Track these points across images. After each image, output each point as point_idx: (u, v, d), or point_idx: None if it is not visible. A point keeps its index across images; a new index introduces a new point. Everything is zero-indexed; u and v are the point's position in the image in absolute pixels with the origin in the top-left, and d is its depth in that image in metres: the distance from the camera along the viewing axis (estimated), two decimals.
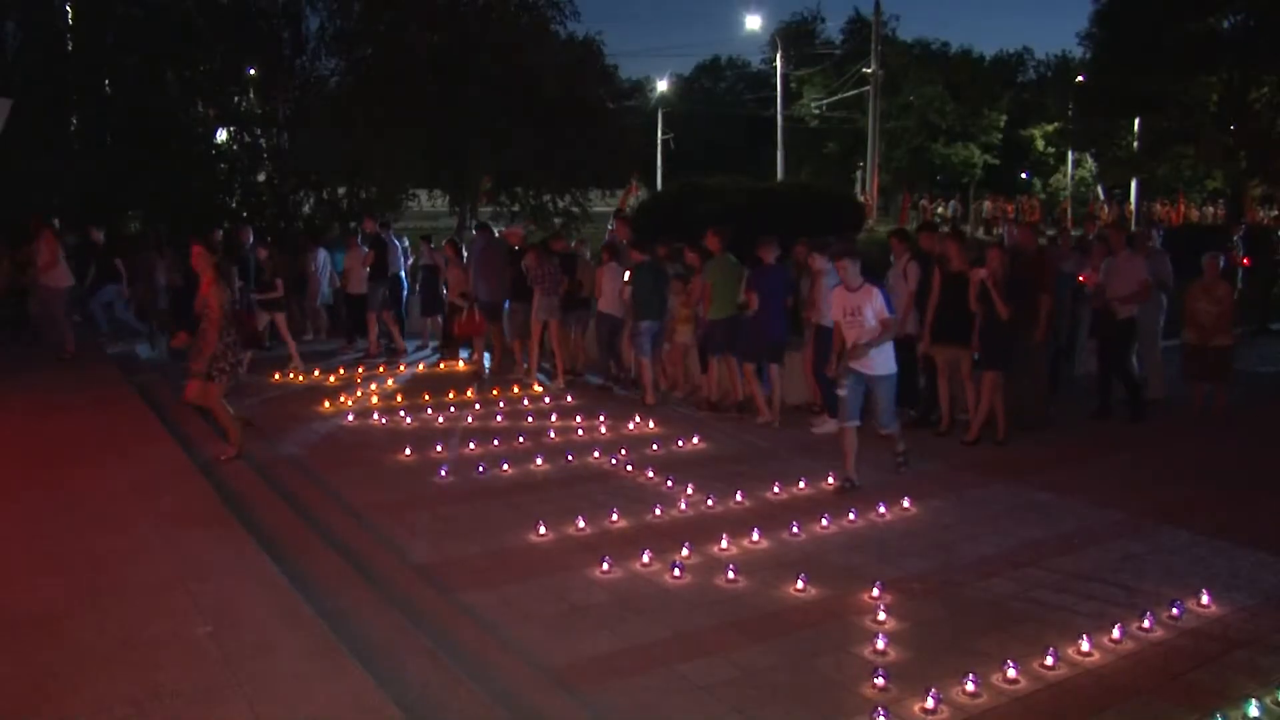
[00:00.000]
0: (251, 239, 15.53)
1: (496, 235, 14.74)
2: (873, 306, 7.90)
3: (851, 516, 7.28)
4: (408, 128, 21.37)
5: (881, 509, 7.42)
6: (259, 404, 11.34)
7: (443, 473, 8.46)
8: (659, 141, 53.26)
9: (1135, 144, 36.08)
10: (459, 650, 5.15)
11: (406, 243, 16.65)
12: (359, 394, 11.74)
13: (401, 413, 10.72)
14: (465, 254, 14.58)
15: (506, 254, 13.51)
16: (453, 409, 11.04)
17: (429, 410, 10.93)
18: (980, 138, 52.21)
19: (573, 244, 14.60)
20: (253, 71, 25.13)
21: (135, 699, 4.39)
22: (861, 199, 32.68)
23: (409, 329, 15.80)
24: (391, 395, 11.67)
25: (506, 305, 13.43)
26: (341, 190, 24.73)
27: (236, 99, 25.49)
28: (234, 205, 24.18)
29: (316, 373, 13.07)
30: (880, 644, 5.18)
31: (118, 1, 23.62)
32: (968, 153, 51.70)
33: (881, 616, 5.53)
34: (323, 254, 16.06)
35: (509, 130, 21.78)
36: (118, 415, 10.12)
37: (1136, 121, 34.69)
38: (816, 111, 50.28)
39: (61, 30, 24.33)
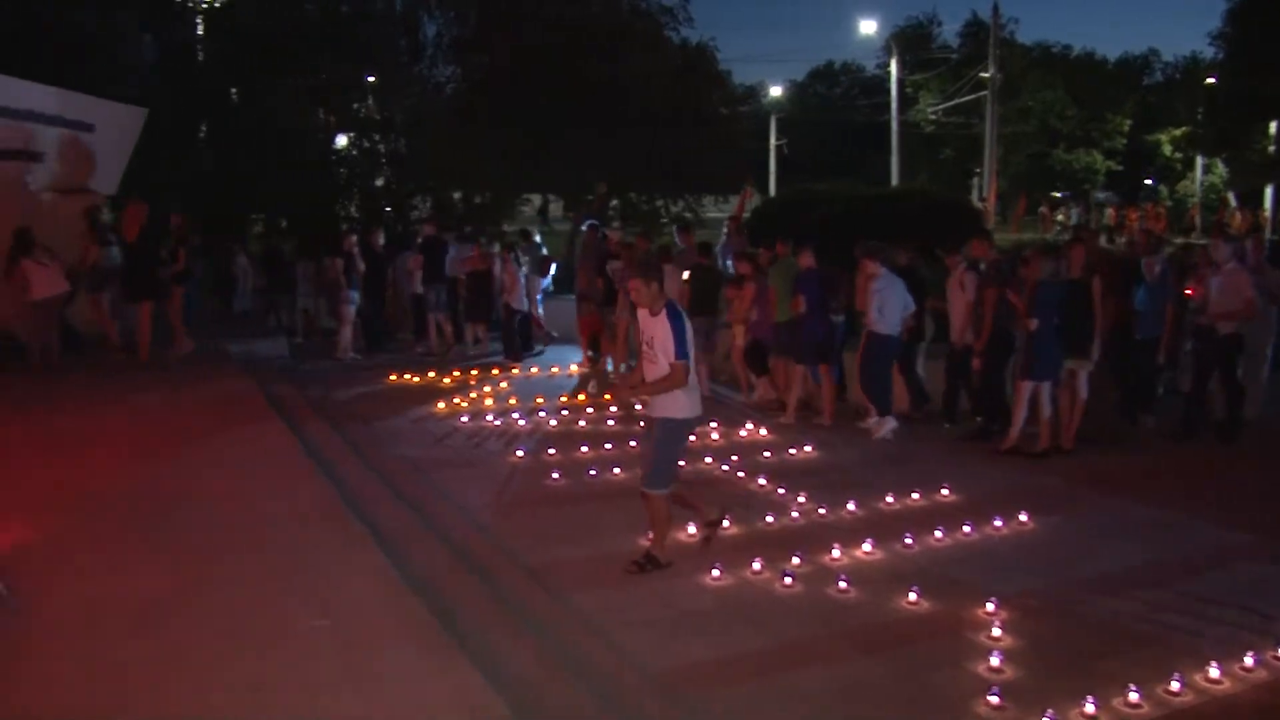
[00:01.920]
0: (383, 241, 15.97)
1: (602, 235, 14.93)
2: (661, 342, 6.37)
3: (966, 530, 7.15)
4: (522, 133, 21.64)
5: (998, 523, 7.27)
6: (375, 402, 11.65)
7: (555, 475, 8.56)
8: (772, 147, 53.01)
9: (1271, 148, 34.71)
10: (566, 651, 5.22)
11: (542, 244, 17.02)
12: (473, 395, 11.94)
13: (515, 414, 10.88)
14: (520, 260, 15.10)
15: (603, 255, 13.80)
16: (565, 412, 11.16)
17: (542, 412, 11.07)
18: (1103, 143, 50.79)
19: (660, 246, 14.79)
20: (371, 78, 25.78)
21: (255, 685, 4.55)
22: (978, 205, 32.04)
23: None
24: (505, 397, 11.85)
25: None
26: (457, 195, 25.19)
27: (356, 105, 26.18)
28: (353, 210, 24.80)
29: (431, 374, 13.35)
30: (995, 661, 5.08)
31: (245, 14, 24.44)
32: (1090, 158, 50.34)
33: (997, 633, 5.42)
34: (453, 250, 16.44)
35: (621, 136, 21.88)
36: (239, 411, 10.46)
37: (1273, 125, 33.36)
38: (932, 117, 49.51)
39: (193, 43, 25.29)
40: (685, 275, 12.57)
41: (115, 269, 13.57)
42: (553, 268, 17.05)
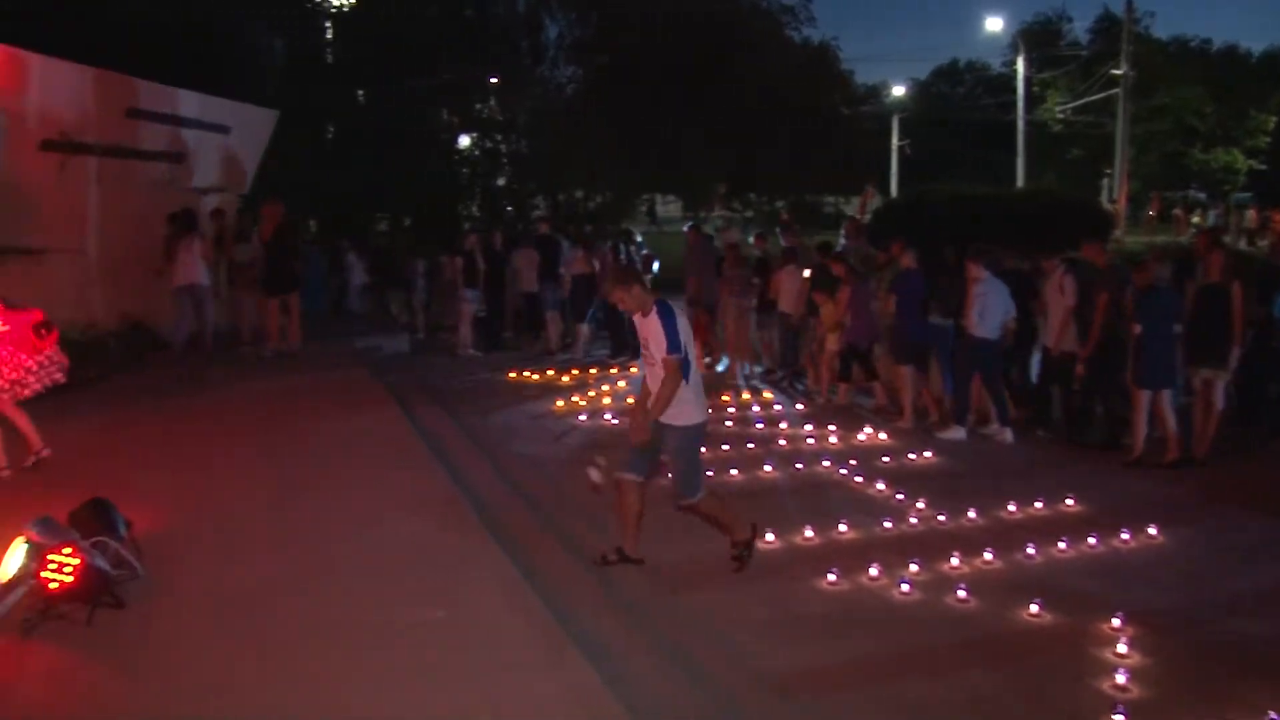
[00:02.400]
0: (501, 242, 16.29)
1: (707, 236, 15.13)
2: (656, 341, 6.23)
3: (1092, 541, 6.96)
4: (642, 134, 21.78)
5: (1125, 535, 7.06)
6: (493, 399, 11.87)
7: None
8: (894, 147, 52.22)
9: None
10: (680, 651, 5.25)
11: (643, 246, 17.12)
12: (591, 394, 12.07)
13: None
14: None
15: (713, 256, 14.05)
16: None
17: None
18: (1245, 141, 48.74)
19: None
20: (494, 80, 26.22)
21: (372, 674, 4.67)
22: (1108, 207, 31.09)
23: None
24: (624, 396, 11.95)
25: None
26: (577, 194, 25.47)
27: (478, 106, 26.65)
28: (474, 209, 25.26)
29: (550, 371, 13.53)
30: (1121, 679, 4.93)
31: (371, 18, 25.08)
32: (1229, 157, 48.34)
33: (1123, 649, 5.25)
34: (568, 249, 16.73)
35: (741, 136, 21.87)
36: (361, 405, 10.76)
37: None
38: (1060, 115, 48.14)
39: (321, 47, 26.06)
40: (806, 274, 12.56)
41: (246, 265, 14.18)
42: (655, 266, 17.18)
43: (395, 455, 8.74)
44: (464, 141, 27.19)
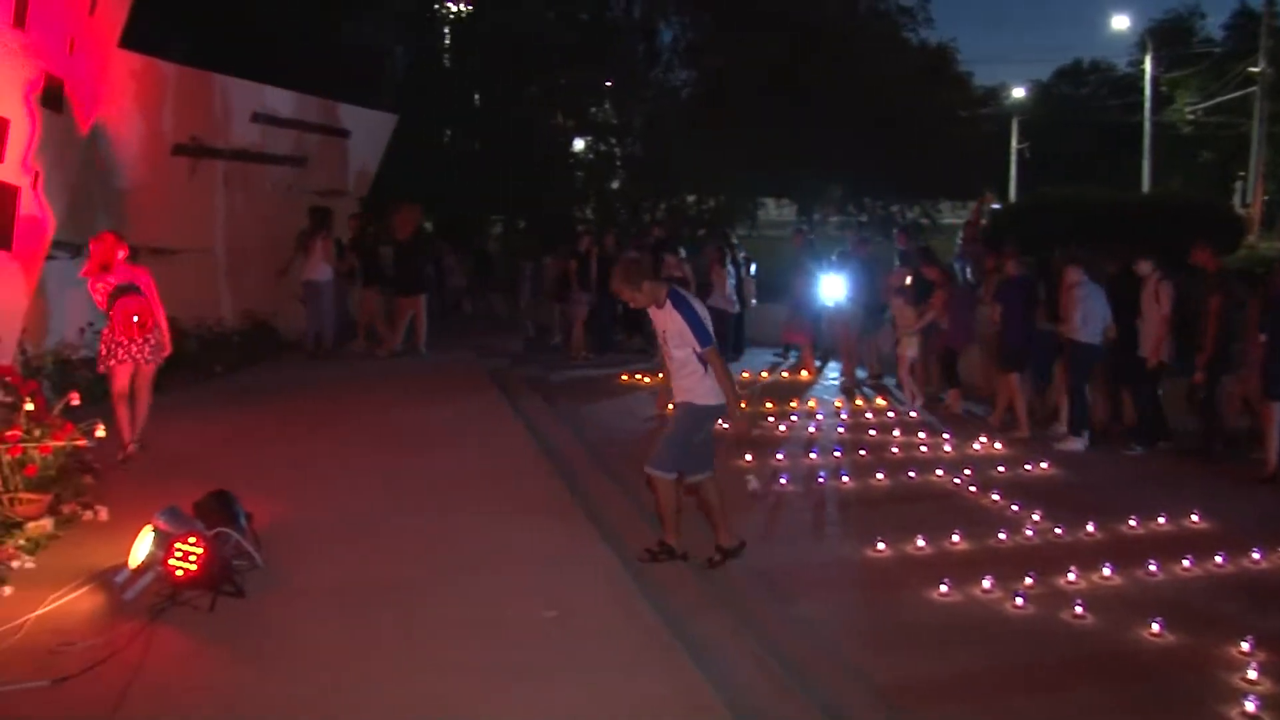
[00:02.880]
0: (614, 244, 16.40)
1: (813, 239, 15.26)
2: (677, 333, 6.24)
3: (1219, 560, 6.69)
4: (756, 137, 21.69)
5: (1255, 555, 6.77)
6: (605, 401, 11.94)
7: (783, 480, 8.56)
8: (1013, 151, 51.02)
9: None
10: (788, 657, 5.19)
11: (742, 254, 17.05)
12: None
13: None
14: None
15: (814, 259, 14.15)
16: (795, 417, 11.12)
17: (771, 417, 11.07)
18: None
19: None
20: (609, 83, 26.41)
21: (482, 670, 4.74)
22: (1240, 211, 29.90)
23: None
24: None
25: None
26: (691, 198, 25.48)
27: (593, 110, 26.86)
28: (589, 212, 25.46)
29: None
30: (1250, 706, 4.69)
31: (488, 23, 25.49)
32: None
33: (1253, 675, 5.00)
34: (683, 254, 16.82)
35: (857, 139, 21.64)
36: (474, 405, 10.94)
37: None
38: (1190, 116, 46.43)
39: (440, 52, 26.58)
40: (908, 280, 12.45)
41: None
42: (753, 268, 17.16)
43: (508, 457, 8.85)
44: (579, 145, 27.46)
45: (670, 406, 6.61)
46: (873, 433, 10.39)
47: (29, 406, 7.02)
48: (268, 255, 14.40)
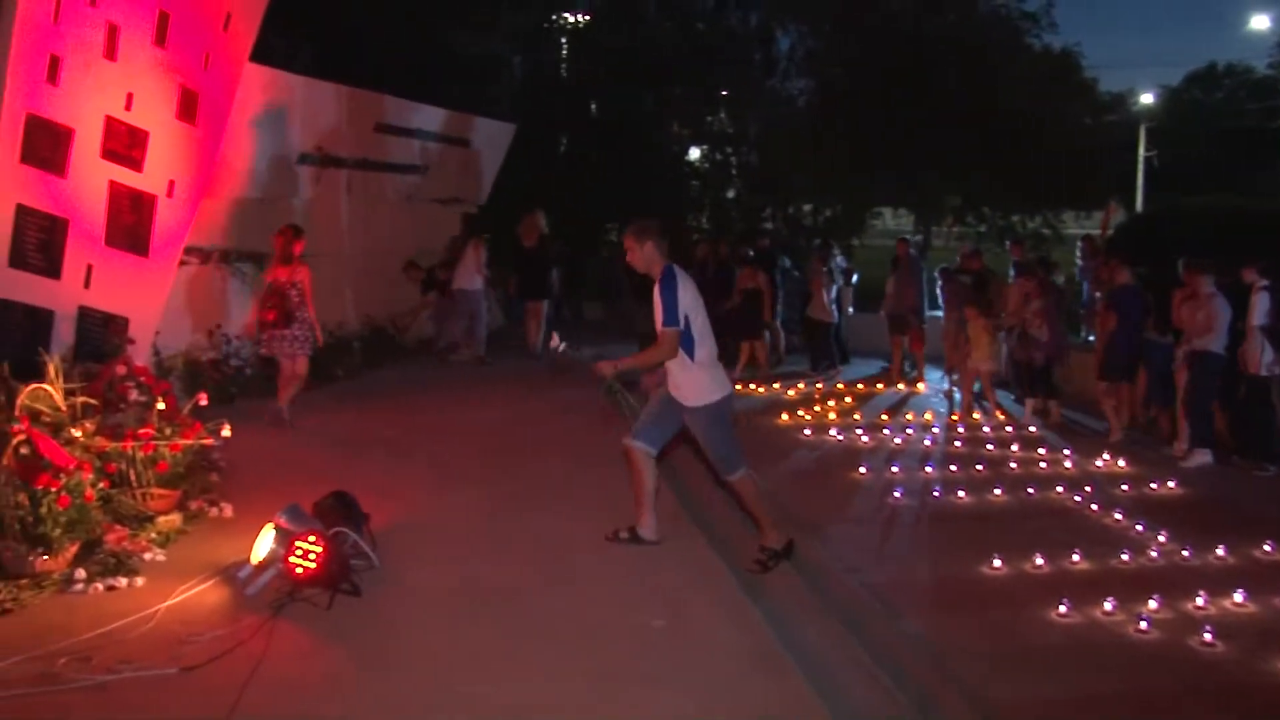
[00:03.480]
0: (728, 254, 16.39)
1: (913, 252, 15.04)
2: (656, 310, 6.20)
3: None
4: (873, 145, 21.42)
5: None
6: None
7: (898, 494, 8.42)
8: (1140, 159, 49.43)
9: None
10: (900, 674, 5.09)
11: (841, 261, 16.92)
12: (817, 408, 11.94)
13: (859, 430, 10.80)
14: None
15: (920, 270, 14.26)
16: (910, 430, 10.95)
17: (887, 429, 10.92)
18: None
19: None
20: (725, 92, 26.34)
21: (589, 676, 4.76)
22: None
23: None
24: (850, 412, 11.76)
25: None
26: (807, 207, 25.27)
27: (709, 119, 26.84)
28: (704, 221, 25.44)
29: (775, 385, 13.49)
30: None
31: (605, 32, 25.68)
32: None
33: None
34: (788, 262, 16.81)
35: (976, 148, 21.18)
36: (589, 412, 10.97)
37: None
38: None
39: (556, 61, 26.88)
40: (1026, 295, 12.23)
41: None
42: (854, 278, 16.99)
43: (620, 465, 8.86)
44: (694, 154, 27.46)
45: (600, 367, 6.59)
46: (990, 447, 10.16)
47: (161, 406, 7.30)
48: (389, 262, 14.76)
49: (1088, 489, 8.52)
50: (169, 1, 9.36)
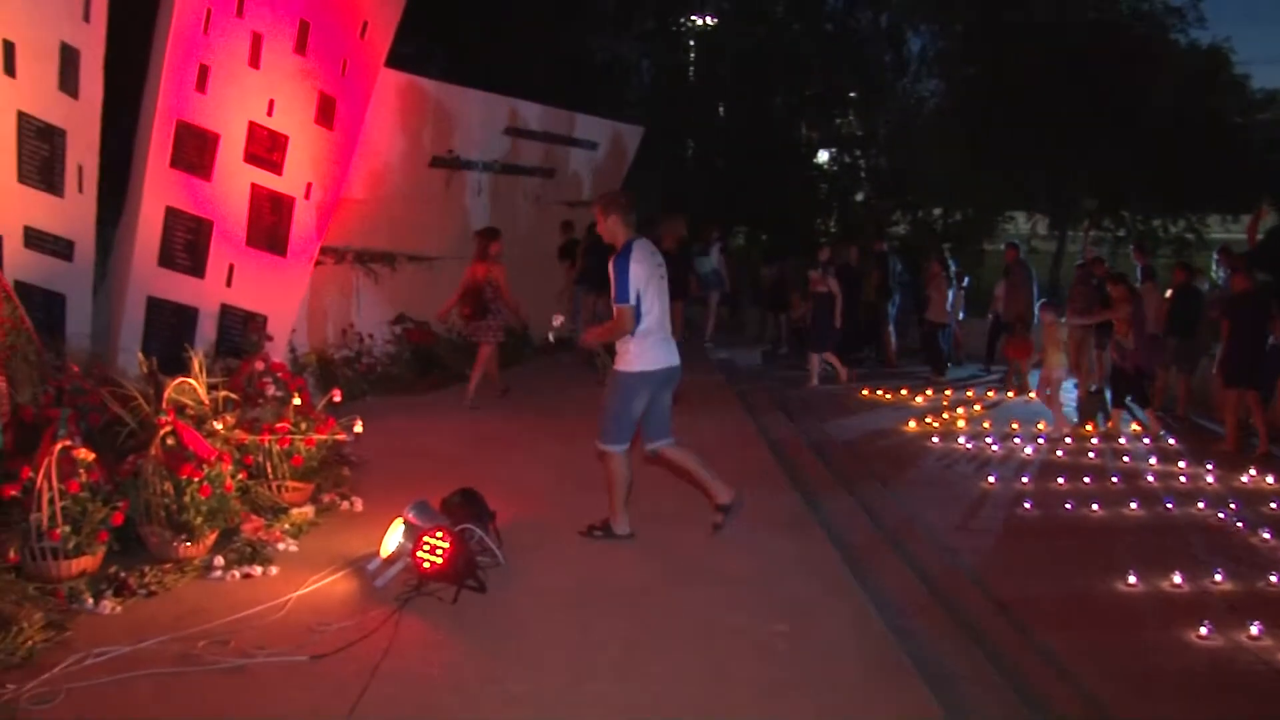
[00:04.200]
0: (856, 257, 16.25)
1: (1021, 257, 14.84)
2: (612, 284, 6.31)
3: None
4: (1007, 148, 20.88)
5: None
6: (845, 415, 11.76)
7: (1027, 505, 8.19)
8: None
9: None
10: (1029, 691, 4.95)
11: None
12: (945, 416, 11.71)
13: (988, 439, 10.53)
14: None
15: (1030, 275, 14.13)
16: (1041, 440, 10.64)
17: (1017, 439, 10.62)
18: None
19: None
20: (854, 94, 26.06)
21: (709, 679, 4.71)
22: None
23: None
24: (980, 420, 11.50)
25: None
26: (937, 211, 24.82)
27: (838, 121, 26.58)
28: (831, 225, 25.21)
29: (903, 391, 13.27)
30: None
31: (733, 34, 25.63)
32: None
33: None
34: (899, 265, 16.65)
35: (1116, 149, 20.47)
36: (715, 412, 10.96)
37: None
38: None
39: (685, 64, 26.94)
40: (1168, 293, 12.18)
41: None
42: (965, 280, 16.67)
43: (746, 467, 8.81)
44: (822, 156, 27.23)
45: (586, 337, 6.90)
46: (1127, 459, 9.80)
47: (296, 401, 7.52)
48: (520, 263, 14.95)
49: (1232, 505, 8.17)
50: (310, 11, 9.68)
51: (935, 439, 10.55)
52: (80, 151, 8.33)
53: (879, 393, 13.18)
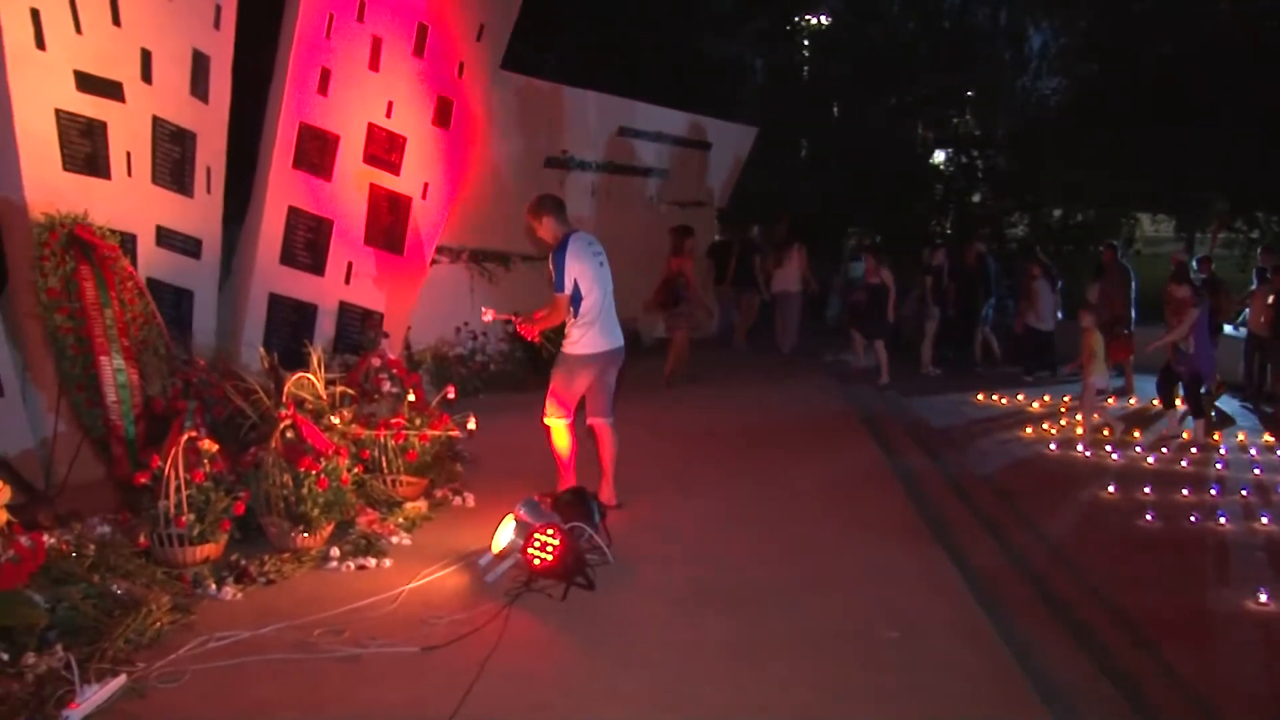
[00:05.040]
0: (973, 260, 15.91)
1: (1118, 258, 14.54)
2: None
3: None
4: (1132, 147, 20.15)
5: None
6: (958, 420, 11.52)
7: (1149, 516, 7.90)
8: None
9: None
10: (1148, 710, 4.77)
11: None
12: (1064, 423, 11.38)
13: (1108, 447, 10.19)
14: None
15: (1128, 277, 13.84)
16: (1165, 449, 10.26)
17: (1139, 448, 10.26)
18: None
19: None
20: (971, 93, 25.51)
21: (819, 685, 4.64)
22: None
23: None
24: (1100, 427, 11.15)
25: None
26: (1057, 212, 24.16)
27: (954, 120, 26.05)
28: (947, 227, 24.72)
29: (1019, 396, 12.94)
30: None
31: (847, 35, 25.31)
32: None
33: None
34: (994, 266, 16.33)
35: (1250, 147, 19.59)
36: (829, 418, 10.85)
37: None
38: None
39: (799, 63, 26.71)
40: (1270, 299, 12.05)
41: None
42: (1058, 284, 16.21)
43: (859, 470, 8.71)
44: (938, 156, 26.72)
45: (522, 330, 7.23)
46: (1259, 471, 9.38)
47: (411, 398, 7.66)
48: (632, 264, 15.00)
49: None
50: (428, 14, 9.85)
51: (1053, 445, 10.25)
52: (209, 154, 8.61)
53: (995, 397, 12.86)
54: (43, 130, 7.25)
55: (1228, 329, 13.99)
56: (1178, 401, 10.98)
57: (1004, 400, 12.73)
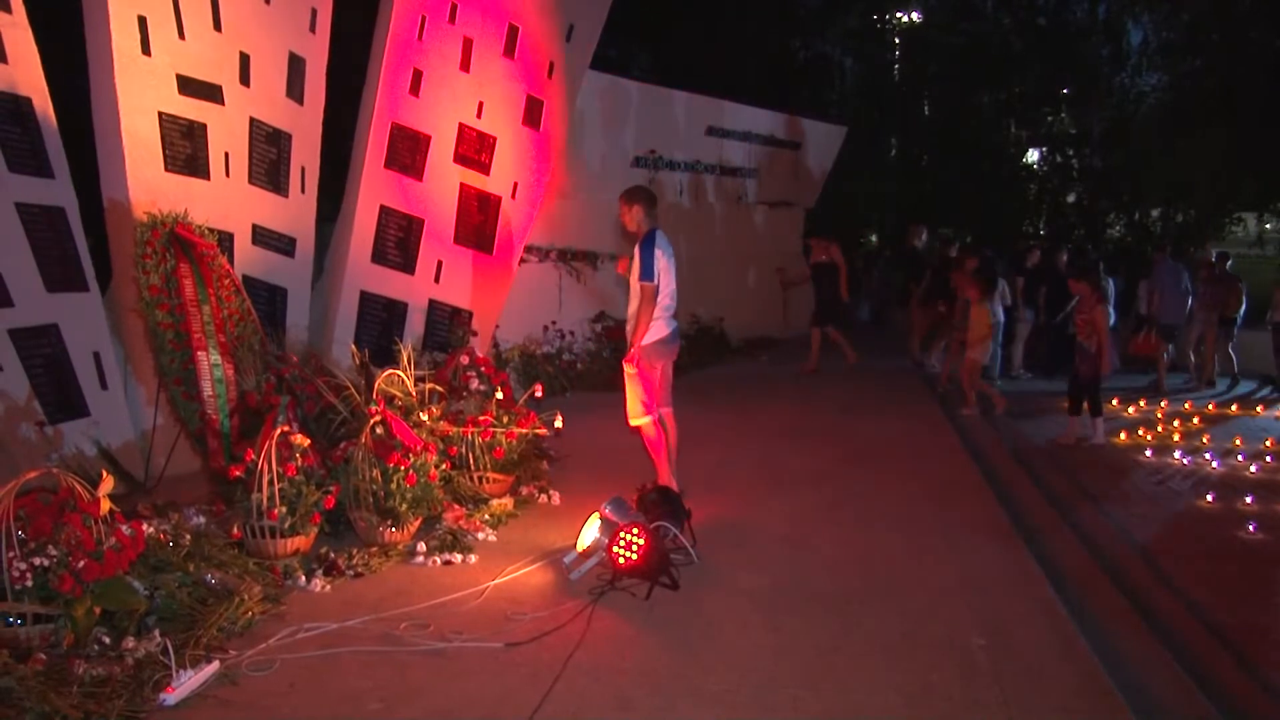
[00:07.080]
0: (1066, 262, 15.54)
1: (1170, 258, 14.33)
2: (636, 267, 6.98)
3: None
4: (1238, 144, 19.52)
5: None
6: (1047, 425, 11.25)
7: (1251, 527, 7.62)
8: None
9: None
10: None
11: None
12: (1160, 429, 11.06)
13: (1207, 454, 9.88)
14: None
15: (1178, 275, 13.90)
16: (1270, 458, 9.91)
17: (1240, 455, 9.92)
18: None
19: None
20: (1067, 90, 24.97)
21: (907, 691, 4.56)
22: None
23: None
24: (1198, 434, 10.81)
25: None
26: (1155, 212, 23.53)
27: (1049, 119, 25.53)
28: (1040, 227, 24.24)
29: (1114, 401, 12.61)
30: None
31: (939, 32, 24.94)
32: None
33: None
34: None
35: None
36: (917, 422, 10.68)
37: None
38: None
39: (890, 62, 26.40)
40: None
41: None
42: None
43: (947, 474, 8.56)
44: (1032, 155, 26.20)
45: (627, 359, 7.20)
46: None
47: (499, 395, 7.72)
48: (720, 264, 14.99)
49: None
50: (519, 15, 9.93)
51: (1148, 452, 9.96)
52: (303, 154, 8.79)
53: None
54: (147, 133, 7.47)
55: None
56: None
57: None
